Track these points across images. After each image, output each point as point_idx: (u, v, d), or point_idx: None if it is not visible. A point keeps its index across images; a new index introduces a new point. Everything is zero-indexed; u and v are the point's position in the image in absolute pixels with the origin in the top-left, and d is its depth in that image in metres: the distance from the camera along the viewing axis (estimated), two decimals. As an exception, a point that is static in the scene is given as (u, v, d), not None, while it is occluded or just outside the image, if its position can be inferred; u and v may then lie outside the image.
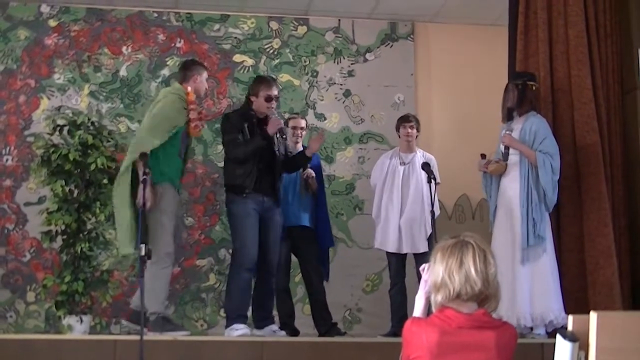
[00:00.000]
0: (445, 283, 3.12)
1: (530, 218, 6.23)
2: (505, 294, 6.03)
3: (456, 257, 3.12)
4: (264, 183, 6.49)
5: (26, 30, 8.19)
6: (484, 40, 8.69)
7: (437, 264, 3.17)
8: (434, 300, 3.19)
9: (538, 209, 6.25)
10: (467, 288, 3.09)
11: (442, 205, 8.20)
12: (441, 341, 3.06)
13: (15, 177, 7.92)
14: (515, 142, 6.40)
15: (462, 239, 3.18)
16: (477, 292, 3.10)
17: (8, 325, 7.61)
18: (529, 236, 6.19)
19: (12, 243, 7.82)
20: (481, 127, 8.04)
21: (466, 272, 3.09)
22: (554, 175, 6.30)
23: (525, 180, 6.33)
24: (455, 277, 3.10)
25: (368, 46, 8.73)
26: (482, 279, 3.09)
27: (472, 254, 3.12)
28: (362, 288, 8.19)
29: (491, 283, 3.12)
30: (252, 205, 6.41)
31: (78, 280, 6.73)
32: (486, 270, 3.11)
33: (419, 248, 6.96)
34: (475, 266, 3.09)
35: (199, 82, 6.44)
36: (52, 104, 8.01)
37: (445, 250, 3.17)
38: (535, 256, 6.21)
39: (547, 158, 6.29)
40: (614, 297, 6.39)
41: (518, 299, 6.14)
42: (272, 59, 8.55)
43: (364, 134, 8.56)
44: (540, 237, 6.21)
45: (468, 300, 3.12)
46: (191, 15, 8.46)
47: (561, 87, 6.91)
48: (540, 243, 6.21)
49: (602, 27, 7.11)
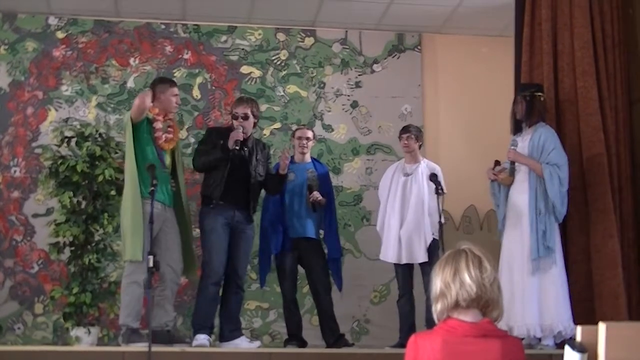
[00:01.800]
0: (443, 293, 3.13)
1: (540, 229, 6.22)
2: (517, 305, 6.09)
3: (450, 267, 3.14)
4: (236, 196, 6.60)
5: (34, 42, 8.22)
6: (491, 51, 8.69)
7: (435, 277, 3.18)
8: (435, 310, 3.19)
9: (547, 220, 6.24)
10: (463, 294, 3.09)
11: (450, 216, 8.19)
12: (446, 350, 3.05)
13: (23, 188, 7.94)
14: (520, 157, 6.41)
15: (457, 249, 3.20)
16: (474, 297, 3.09)
17: (16, 337, 7.61)
18: (539, 247, 6.18)
19: (20, 255, 7.83)
20: (489, 138, 8.03)
21: (460, 279, 3.10)
22: (562, 186, 6.29)
23: (534, 192, 6.32)
24: (451, 286, 3.11)
25: (375, 57, 8.74)
26: (477, 283, 3.09)
27: (465, 260, 3.13)
28: (370, 299, 8.18)
29: (488, 287, 3.11)
30: (221, 219, 6.54)
31: (86, 292, 6.75)
32: (481, 275, 3.11)
33: (417, 258, 6.95)
34: (468, 272, 3.10)
35: (163, 99, 6.48)
36: (60, 116, 8.03)
37: (441, 262, 3.19)
38: (545, 267, 6.21)
39: (555, 170, 6.28)
40: (619, 307, 6.38)
41: (527, 309, 6.13)
42: (279, 70, 8.56)
43: (371, 145, 8.56)
44: (550, 249, 6.20)
45: (468, 306, 3.11)
46: (198, 27, 8.49)
47: (567, 98, 6.91)
48: (550, 254, 6.20)
49: (608, 37, 7.10)
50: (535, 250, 6.19)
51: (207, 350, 6.25)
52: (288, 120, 8.43)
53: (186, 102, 8.30)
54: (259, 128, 8.31)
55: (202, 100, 8.34)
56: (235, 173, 6.59)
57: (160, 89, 6.52)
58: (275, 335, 7.89)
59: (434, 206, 6.50)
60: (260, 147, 6.88)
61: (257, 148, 6.82)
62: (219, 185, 6.53)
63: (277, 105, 8.47)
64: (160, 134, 6.35)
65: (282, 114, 8.46)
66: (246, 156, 6.68)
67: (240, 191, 6.64)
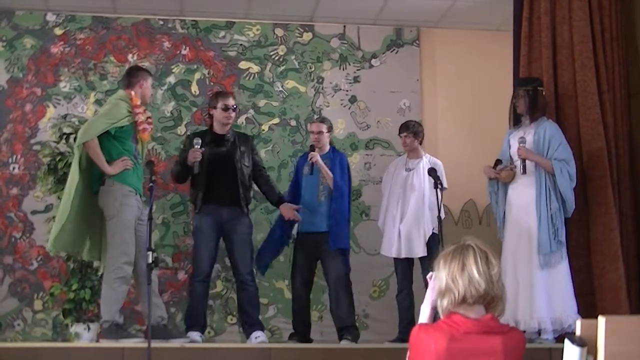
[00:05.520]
0: (450, 288, 3.12)
1: (551, 224, 6.24)
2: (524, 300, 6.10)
3: (458, 261, 3.13)
4: (222, 196, 6.71)
5: (32, 39, 8.20)
6: (489, 46, 8.67)
7: (441, 270, 3.18)
8: (441, 306, 3.19)
9: (558, 215, 6.26)
10: (471, 290, 3.09)
11: (449, 210, 8.19)
12: (449, 347, 3.05)
13: (21, 185, 7.92)
14: (532, 155, 6.40)
15: (462, 244, 3.19)
16: (482, 294, 3.10)
17: (15, 333, 7.61)
18: (551, 242, 6.19)
19: (19, 251, 7.82)
20: (487, 132, 8.01)
21: (469, 275, 3.10)
22: (572, 182, 6.32)
23: (544, 188, 6.32)
24: (459, 281, 3.11)
25: (373, 52, 8.72)
26: (485, 279, 3.10)
27: (473, 256, 3.13)
28: (369, 294, 8.17)
29: (495, 284, 3.12)
30: (209, 219, 6.68)
31: (85, 288, 6.76)
32: (489, 271, 3.12)
33: (416, 252, 6.96)
34: (477, 268, 3.10)
35: (145, 87, 6.46)
36: (58, 112, 8.01)
37: (447, 256, 3.18)
38: (555, 261, 6.23)
39: (564, 165, 6.30)
40: (620, 301, 6.39)
41: (536, 303, 6.14)
42: (277, 65, 8.55)
43: (370, 140, 8.55)
44: (561, 243, 6.24)
45: (474, 303, 3.11)
46: (196, 23, 8.47)
47: (566, 92, 6.91)
48: (561, 248, 6.24)
49: (607, 31, 7.10)
50: (547, 245, 6.19)
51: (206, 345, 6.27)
52: (286, 115, 8.42)
53: (184, 97, 8.30)
54: (257, 123, 8.32)
55: (200, 96, 8.32)
56: (219, 172, 6.69)
57: (143, 77, 6.50)
58: (274, 330, 7.88)
59: (434, 201, 6.50)
60: (243, 139, 6.98)
61: (239, 140, 6.90)
62: (200, 191, 6.69)
63: (275, 100, 8.45)
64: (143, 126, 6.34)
65: (281, 109, 8.44)
66: (226, 152, 6.78)
67: (227, 189, 6.72)
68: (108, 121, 6.14)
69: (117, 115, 6.19)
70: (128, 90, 6.37)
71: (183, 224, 7.91)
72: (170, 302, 7.68)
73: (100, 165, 6.06)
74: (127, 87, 6.41)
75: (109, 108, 6.34)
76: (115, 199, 6.09)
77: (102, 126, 6.11)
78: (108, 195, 6.13)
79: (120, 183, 6.11)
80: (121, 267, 6.02)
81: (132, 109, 6.24)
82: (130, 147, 6.25)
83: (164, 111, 8.21)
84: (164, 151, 8.12)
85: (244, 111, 8.23)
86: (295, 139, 8.38)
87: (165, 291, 7.64)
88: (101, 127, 6.11)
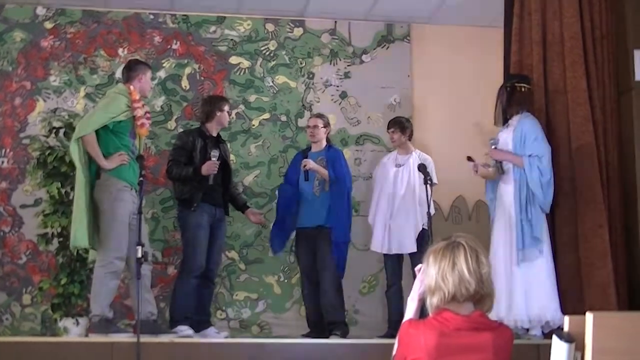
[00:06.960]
0: (440, 286, 3.11)
1: (526, 220, 6.26)
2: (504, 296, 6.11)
3: (448, 259, 3.12)
4: (216, 195, 6.94)
5: (22, 33, 8.17)
6: (480, 42, 8.67)
7: (430, 267, 3.16)
8: (430, 303, 3.18)
9: (533, 211, 6.27)
10: (461, 289, 3.09)
11: (439, 206, 8.20)
12: (440, 343, 3.05)
13: (11, 179, 7.90)
14: (501, 154, 6.50)
15: (453, 240, 3.17)
16: (472, 293, 3.09)
17: (4, 328, 7.58)
18: (524, 238, 6.22)
19: (8, 246, 7.79)
20: (477, 129, 8.03)
21: (459, 273, 3.09)
22: (543, 176, 6.32)
23: (518, 183, 6.38)
24: (449, 279, 3.10)
25: (364, 48, 8.71)
26: (475, 278, 3.09)
27: (464, 254, 3.11)
28: (358, 290, 8.16)
29: (485, 282, 3.12)
30: (204, 216, 6.81)
31: (74, 283, 6.76)
32: (479, 270, 3.11)
33: (407, 248, 6.99)
34: (468, 266, 3.09)
35: (144, 81, 6.49)
36: (48, 106, 7.97)
37: (437, 253, 3.16)
38: (531, 257, 6.24)
39: (534, 161, 6.33)
40: (609, 297, 6.40)
41: (514, 301, 6.16)
42: (268, 60, 8.53)
43: (360, 135, 8.55)
44: (537, 239, 6.24)
45: (464, 301, 3.11)
46: (187, 17, 8.44)
47: (556, 89, 6.93)
48: (537, 244, 6.24)
49: (597, 28, 7.11)
50: (521, 241, 6.23)
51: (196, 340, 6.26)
52: (277, 110, 8.41)
53: (175, 92, 8.28)
54: (247, 119, 8.32)
55: (190, 91, 8.31)
56: (215, 176, 6.86)
57: (142, 70, 6.50)
58: (263, 325, 7.89)
59: (424, 197, 6.51)
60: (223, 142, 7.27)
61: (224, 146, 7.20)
62: (199, 191, 6.78)
63: (265, 95, 8.44)
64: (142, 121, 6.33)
65: (271, 104, 8.43)
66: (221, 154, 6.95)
67: (219, 191, 6.97)
68: (107, 115, 6.16)
69: (117, 110, 6.19)
70: (127, 84, 6.37)
71: (173, 218, 7.88)
72: (160, 297, 7.67)
73: (97, 159, 6.06)
74: (126, 81, 6.41)
75: (108, 102, 6.34)
76: (110, 194, 6.11)
77: (102, 120, 6.13)
78: (103, 189, 6.15)
79: (115, 178, 6.13)
80: (112, 262, 6.04)
81: (131, 104, 6.24)
82: (127, 142, 6.25)
83: (154, 106, 8.17)
84: (154, 146, 8.09)
85: (234, 106, 8.21)
86: (285, 134, 8.37)
87: (155, 286, 7.62)
88: (100, 120, 6.13)
